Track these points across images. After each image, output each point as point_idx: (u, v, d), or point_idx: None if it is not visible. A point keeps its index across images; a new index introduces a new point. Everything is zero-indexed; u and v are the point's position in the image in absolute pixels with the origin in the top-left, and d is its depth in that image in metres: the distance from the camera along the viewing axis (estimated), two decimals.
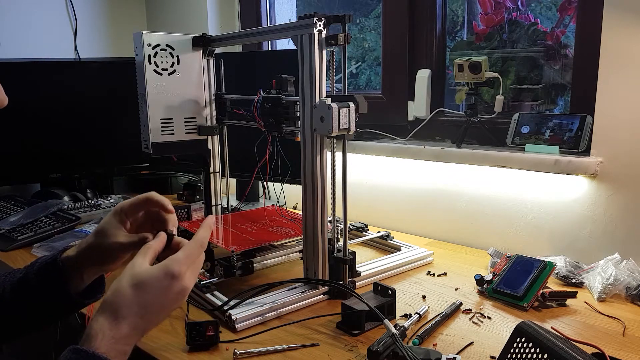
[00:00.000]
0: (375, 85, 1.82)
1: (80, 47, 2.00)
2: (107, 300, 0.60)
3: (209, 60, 1.27)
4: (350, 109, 0.90)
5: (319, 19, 0.91)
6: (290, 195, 1.62)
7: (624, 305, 0.96)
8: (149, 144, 1.20)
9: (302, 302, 0.96)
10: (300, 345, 0.82)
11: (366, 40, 1.87)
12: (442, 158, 1.31)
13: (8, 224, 1.42)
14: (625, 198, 1.08)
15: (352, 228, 1.37)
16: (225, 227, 1.21)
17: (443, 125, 1.46)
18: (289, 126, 1.05)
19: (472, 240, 1.33)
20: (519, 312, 0.94)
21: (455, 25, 1.58)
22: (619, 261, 1.03)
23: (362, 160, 1.52)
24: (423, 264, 1.18)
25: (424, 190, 1.42)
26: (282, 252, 1.16)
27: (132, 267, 0.62)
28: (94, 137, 1.77)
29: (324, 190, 0.96)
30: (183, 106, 1.23)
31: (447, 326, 0.89)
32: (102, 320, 0.58)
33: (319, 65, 0.92)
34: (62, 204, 1.57)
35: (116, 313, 0.58)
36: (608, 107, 1.08)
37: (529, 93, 1.38)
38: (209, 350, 0.82)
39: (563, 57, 1.33)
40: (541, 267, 0.98)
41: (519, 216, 1.25)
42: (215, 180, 1.36)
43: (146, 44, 1.16)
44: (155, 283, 0.60)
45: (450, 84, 1.50)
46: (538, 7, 1.40)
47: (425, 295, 1.01)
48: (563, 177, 1.15)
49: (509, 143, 1.27)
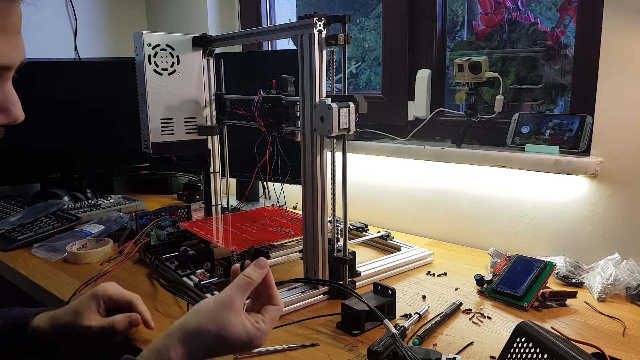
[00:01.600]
0: (375, 85, 1.82)
1: (80, 47, 2.00)
2: (191, 335, 0.61)
3: (209, 60, 1.27)
4: (350, 109, 0.90)
5: (319, 19, 0.91)
6: (290, 195, 1.62)
7: (624, 305, 0.96)
8: (149, 144, 1.20)
9: (302, 302, 0.96)
10: (300, 345, 0.82)
11: (366, 40, 1.87)
12: (442, 158, 1.31)
13: (8, 224, 1.42)
14: (626, 198, 1.08)
15: (352, 228, 1.37)
16: (225, 227, 1.21)
17: (443, 125, 1.46)
18: (289, 126, 1.05)
19: (472, 240, 1.33)
20: (519, 312, 0.93)
21: (455, 25, 1.58)
22: (619, 261, 1.03)
23: (362, 160, 1.52)
24: (423, 264, 1.18)
25: (424, 190, 1.42)
26: (282, 252, 1.16)
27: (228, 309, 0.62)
28: (94, 137, 1.77)
29: (324, 190, 0.96)
30: (183, 106, 1.23)
31: (447, 326, 0.89)
32: (182, 354, 0.59)
33: (319, 65, 0.92)
34: (62, 204, 1.57)
35: (195, 355, 0.60)
36: (608, 107, 1.08)
37: (529, 93, 1.38)
38: None
39: (563, 57, 1.33)
40: (541, 267, 0.98)
41: (519, 216, 1.25)
42: (215, 180, 1.36)
43: (146, 44, 1.16)
44: (238, 344, 0.63)
45: (450, 84, 1.50)
46: (538, 7, 1.40)
47: (425, 295, 1.01)
48: (563, 177, 1.15)
49: (509, 143, 1.27)
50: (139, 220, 1.24)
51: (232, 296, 0.63)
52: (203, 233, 1.14)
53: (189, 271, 1.05)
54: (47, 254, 1.26)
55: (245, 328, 0.62)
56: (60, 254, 1.25)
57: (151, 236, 1.18)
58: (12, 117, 0.55)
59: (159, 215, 1.25)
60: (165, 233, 1.20)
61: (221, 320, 0.61)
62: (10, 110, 0.55)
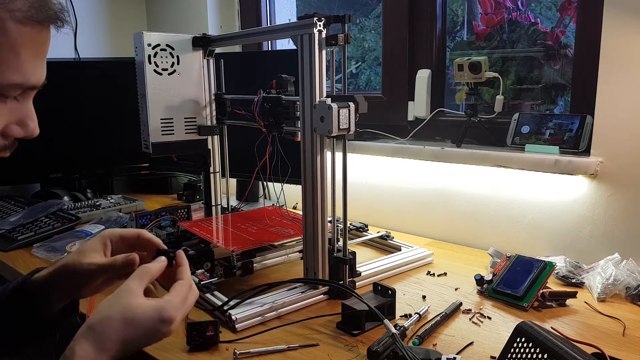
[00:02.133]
0: (375, 85, 1.82)
1: (80, 47, 2.00)
2: (94, 327, 0.59)
3: (209, 60, 1.27)
4: (350, 109, 0.90)
5: (319, 19, 0.91)
6: (290, 195, 1.62)
7: (623, 305, 0.96)
8: (149, 144, 1.20)
9: (302, 302, 0.96)
10: (300, 345, 0.82)
11: (366, 40, 1.87)
12: (442, 158, 1.31)
13: (8, 224, 1.42)
14: (625, 198, 1.08)
15: (352, 228, 1.37)
16: (225, 227, 1.21)
17: (443, 125, 1.46)
18: (289, 126, 1.05)
19: (472, 240, 1.33)
20: (519, 312, 0.93)
21: (455, 25, 1.59)
22: (619, 261, 1.03)
23: (362, 160, 1.52)
24: (423, 264, 1.18)
25: (424, 190, 1.42)
26: (282, 252, 1.16)
27: (127, 294, 0.61)
28: (93, 137, 1.77)
29: (324, 190, 0.96)
30: (183, 106, 1.23)
31: (447, 326, 0.89)
32: (88, 348, 0.57)
33: (319, 65, 0.92)
34: (62, 204, 1.57)
35: (102, 344, 0.58)
36: (608, 107, 1.08)
37: (529, 93, 1.38)
38: (209, 350, 0.82)
39: (563, 57, 1.33)
40: (541, 267, 0.98)
41: (519, 216, 1.25)
42: (215, 180, 1.36)
43: (146, 44, 1.16)
44: (147, 324, 0.60)
45: (450, 83, 1.50)
46: (538, 7, 1.40)
47: (425, 295, 1.01)
48: (563, 177, 1.15)
49: (509, 143, 1.27)
50: (139, 220, 1.24)
51: (128, 283, 0.63)
52: (203, 233, 1.14)
53: None
54: (47, 254, 1.26)
55: (149, 302, 0.61)
56: (60, 254, 1.25)
57: None
58: (29, 132, 0.60)
59: (159, 215, 1.25)
60: (165, 233, 1.20)
61: (122, 305, 0.60)
62: (28, 125, 0.59)
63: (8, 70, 0.54)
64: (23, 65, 0.55)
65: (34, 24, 0.54)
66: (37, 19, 0.54)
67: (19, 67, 0.54)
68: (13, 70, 0.54)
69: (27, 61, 0.55)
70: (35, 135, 0.60)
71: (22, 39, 0.54)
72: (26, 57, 0.55)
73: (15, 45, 0.53)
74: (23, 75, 0.55)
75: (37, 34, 0.55)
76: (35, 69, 0.57)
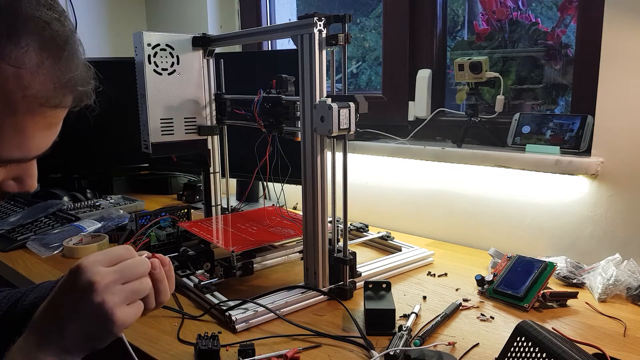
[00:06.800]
0: (376, 85, 1.82)
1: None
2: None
3: (209, 60, 1.26)
4: (350, 109, 0.90)
5: (319, 19, 0.91)
6: (290, 195, 1.61)
7: (624, 306, 0.95)
8: (148, 144, 1.20)
9: (302, 302, 0.96)
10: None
11: (366, 40, 1.87)
12: (442, 158, 1.31)
13: (8, 224, 1.42)
14: (626, 198, 1.08)
15: (353, 228, 1.36)
16: (225, 227, 1.21)
17: (443, 125, 1.45)
18: (289, 126, 1.05)
19: (473, 241, 1.32)
20: (519, 313, 0.93)
21: (456, 25, 1.58)
22: (619, 261, 1.02)
23: (363, 160, 1.52)
24: (423, 264, 1.18)
25: (425, 191, 1.42)
26: (282, 253, 1.16)
27: None
28: (93, 137, 1.76)
29: (324, 191, 0.96)
30: (183, 106, 1.23)
31: (448, 326, 0.89)
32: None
33: (319, 65, 0.92)
34: (61, 204, 1.57)
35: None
36: (609, 107, 1.08)
37: (530, 93, 1.38)
38: None
39: (564, 57, 1.33)
40: (542, 267, 0.98)
41: (519, 216, 1.25)
42: (215, 181, 1.36)
43: (146, 44, 1.15)
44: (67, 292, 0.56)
45: (451, 83, 1.50)
46: (539, 6, 1.40)
47: (426, 296, 1.00)
48: (564, 178, 1.15)
49: (510, 143, 1.27)
50: (138, 220, 1.24)
51: None
52: (203, 233, 1.14)
53: (189, 272, 1.05)
54: (41, 249, 1.28)
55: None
56: (52, 251, 1.26)
57: (151, 236, 1.18)
58: (26, 189, 0.55)
59: (159, 216, 1.24)
60: (165, 233, 1.20)
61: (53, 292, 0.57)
62: (26, 182, 0.55)
63: (10, 148, 0.49)
64: (27, 142, 0.50)
65: (50, 109, 0.49)
66: (54, 105, 0.49)
67: (21, 145, 0.49)
68: (14, 148, 0.49)
69: (33, 138, 0.50)
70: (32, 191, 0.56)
71: (33, 122, 0.49)
72: (33, 134, 0.50)
73: (24, 128, 0.48)
74: (26, 152, 0.50)
75: (51, 114, 0.50)
76: (41, 143, 0.51)
